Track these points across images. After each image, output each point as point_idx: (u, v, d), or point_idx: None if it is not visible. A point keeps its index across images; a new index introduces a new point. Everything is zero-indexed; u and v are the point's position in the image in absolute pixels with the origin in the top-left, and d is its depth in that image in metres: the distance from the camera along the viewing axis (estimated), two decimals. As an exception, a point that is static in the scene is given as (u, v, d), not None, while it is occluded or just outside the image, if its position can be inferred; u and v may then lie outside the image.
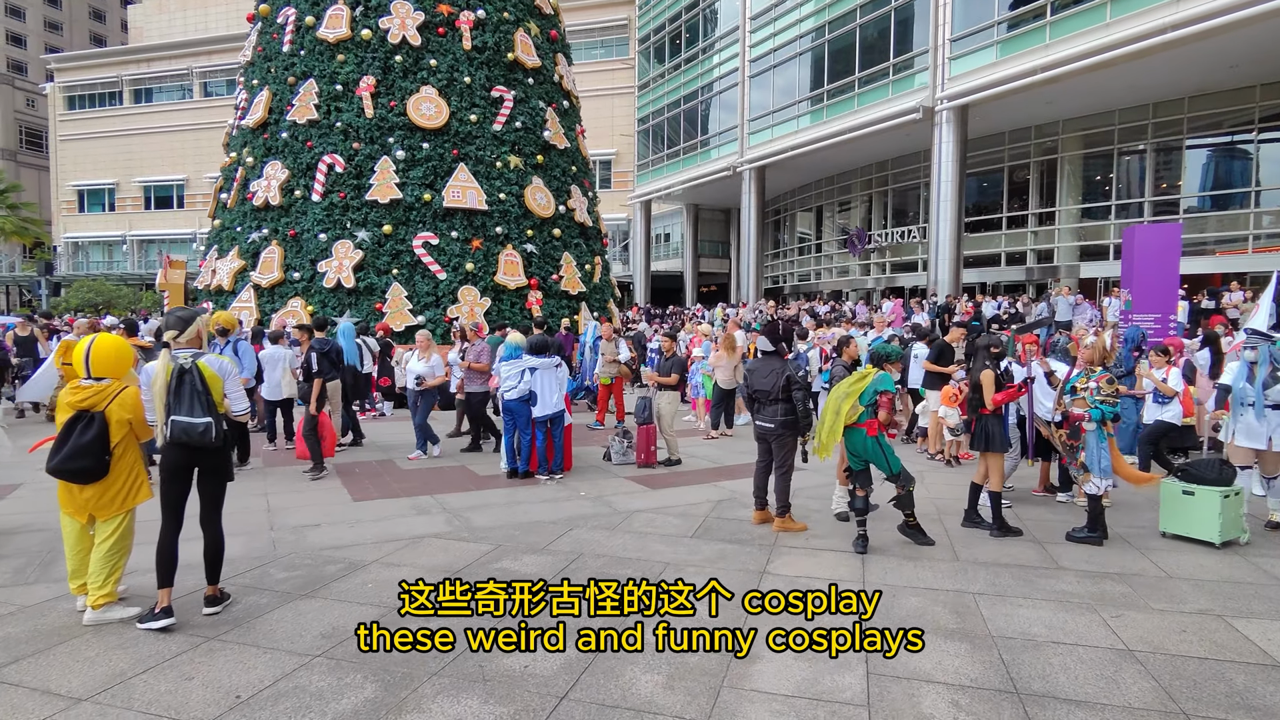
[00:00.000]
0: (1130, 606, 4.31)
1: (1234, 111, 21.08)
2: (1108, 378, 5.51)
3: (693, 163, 36.25)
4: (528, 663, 3.60)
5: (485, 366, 8.98)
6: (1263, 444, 5.70)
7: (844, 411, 5.37)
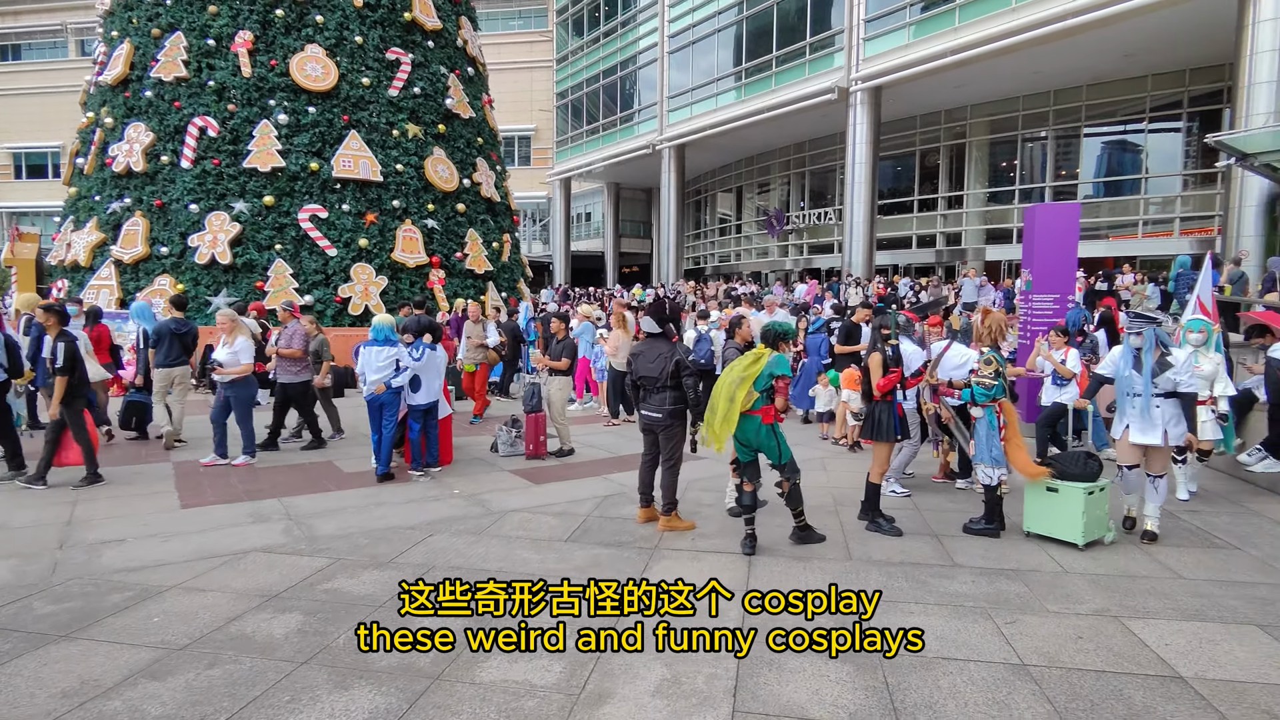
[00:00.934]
0: (1026, 609, 3.98)
1: (1127, 101, 21.86)
2: (988, 357, 5.17)
3: (612, 140, 35.44)
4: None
5: (297, 353, 8.03)
6: (1158, 439, 5.05)
7: (739, 398, 4.85)
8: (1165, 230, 21.61)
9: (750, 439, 4.95)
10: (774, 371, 4.92)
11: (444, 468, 7.28)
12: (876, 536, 5.23)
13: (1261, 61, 14.91)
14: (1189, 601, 4.07)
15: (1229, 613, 3.93)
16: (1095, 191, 23.26)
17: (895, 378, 5.24)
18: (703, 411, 5.15)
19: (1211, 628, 3.74)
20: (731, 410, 4.84)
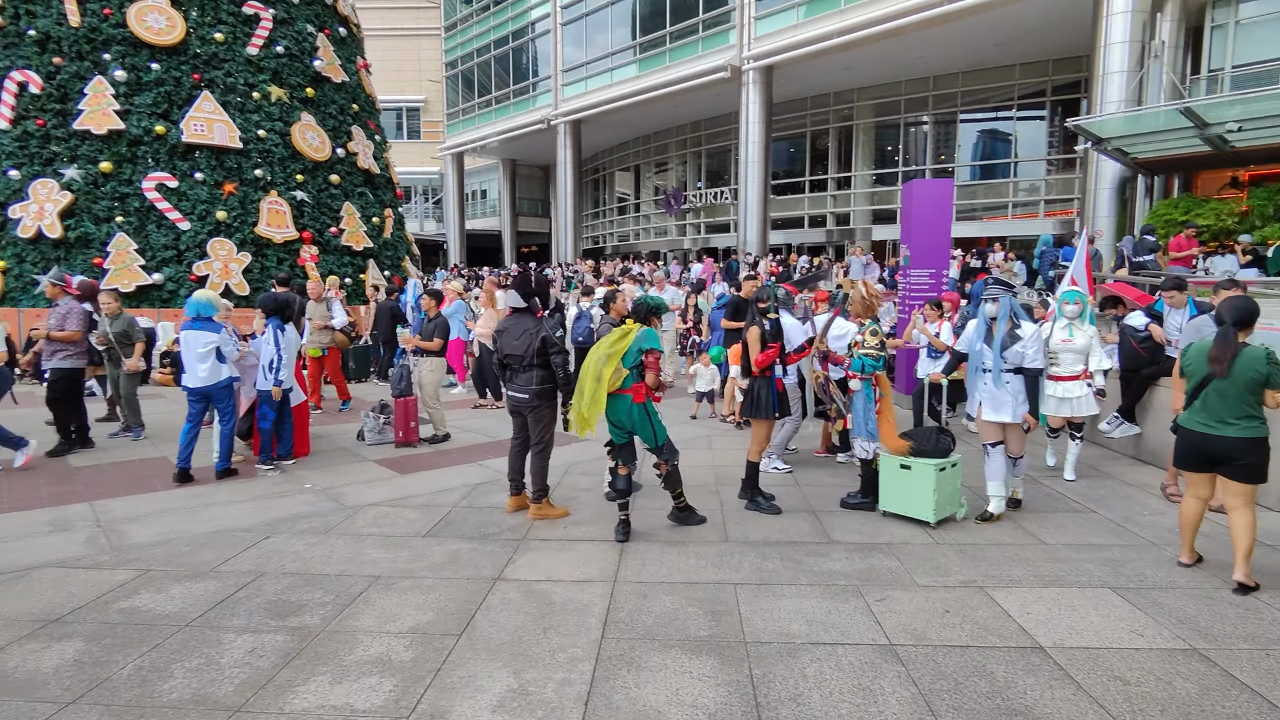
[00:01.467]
0: (896, 585, 3.89)
1: (998, 89, 23.00)
2: (872, 329, 5.09)
3: (506, 114, 34.27)
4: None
5: (74, 335, 7.06)
6: (1008, 415, 4.80)
7: (606, 376, 4.52)
8: (1032, 212, 23.00)
9: (622, 420, 4.64)
10: (643, 346, 4.61)
11: (299, 460, 6.62)
12: (755, 516, 5.07)
13: (1114, 52, 15.92)
14: (1049, 568, 4.10)
15: (1085, 576, 3.98)
16: (971, 175, 24.46)
17: (774, 353, 5.07)
18: (572, 390, 4.81)
19: (1069, 593, 3.76)
20: (599, 390, 4.51)
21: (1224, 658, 3.11)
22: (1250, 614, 3.52)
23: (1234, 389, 3.78)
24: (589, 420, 4.57)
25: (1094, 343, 5.75)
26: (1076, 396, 5.72)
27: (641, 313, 4.76)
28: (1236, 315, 3.88)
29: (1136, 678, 2.96)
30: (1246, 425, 3.79)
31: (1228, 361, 3.78)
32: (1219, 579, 3.93)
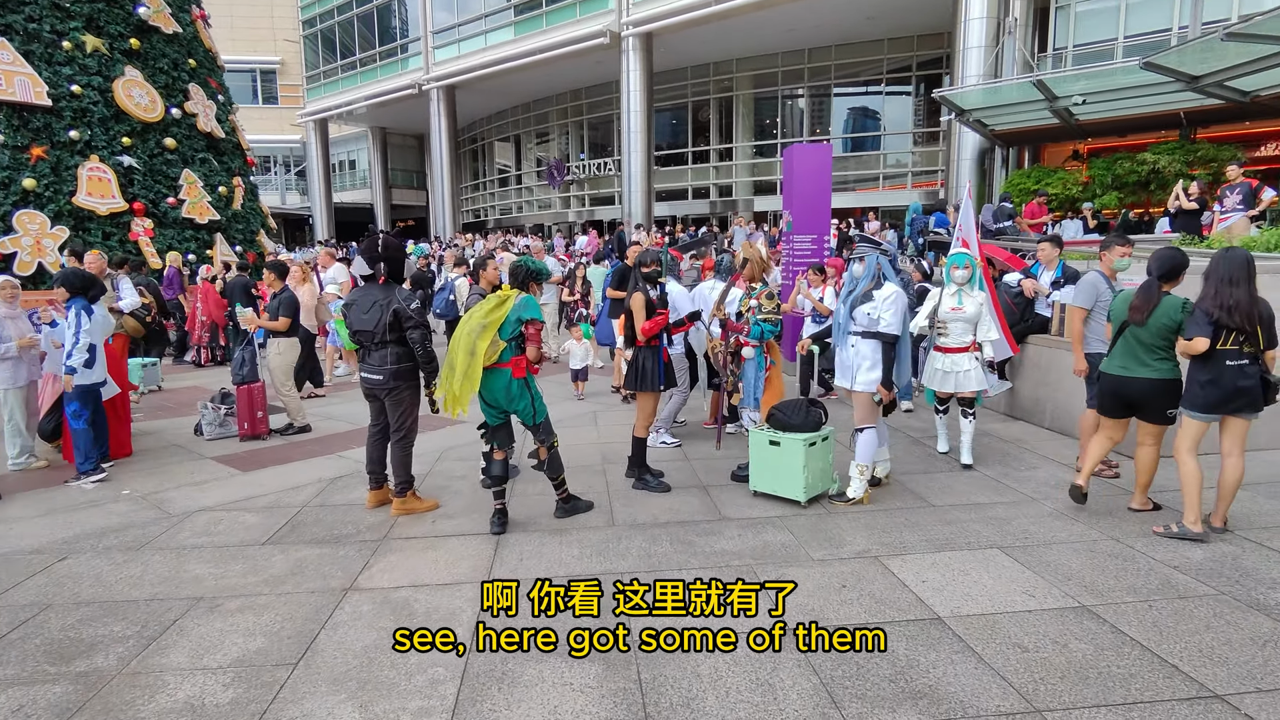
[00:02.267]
0: (791, 561, 3.68)
1: (869, 63, 23.71)
2: (768, 292, 4.88)
3: (373, 77, 32.05)
4: None
5: None
6: (848, 382, 4.48)
7: (481, 349, 3.99)
8: (900, 184, 24.00)
9: (499, 398, 4.14)
10: (523, 315, 4.14)
11: (119, 461, 5.68)
12: (643, 495, 4.75)
13: (973, 28, 16.64)
14: (939, 531, 4.03)
15: (974, 537, 3.93)
16: (845, 147, 25.21)
17: (661, 320, 4.72)
18: (436, 368, 4.27)
19: (961, 557, 3.68)
20: (473, 365, 3.99)
21: (1111, 613, 3.08)
22: (1127, 564, 3.55)
23: (1148, 335, 3.99)
24: (461, 399, 4.04)
25: (984, 310, 5.17)
26: (964, 370, 5.14)
27: (520, 277, 4.27)
28: (1162, 268, 4.03)
29: (1034, 643, 2.86)
30: (1159, 367, 4.00)
31: (1148, 311, 3.98)
32: (1095, 530, 3.98)
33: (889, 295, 4.28)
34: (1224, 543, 3.78)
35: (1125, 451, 5.23)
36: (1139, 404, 4.10)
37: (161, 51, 14.38)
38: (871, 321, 4.29)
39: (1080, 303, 4.81)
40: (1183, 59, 11.28)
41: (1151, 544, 3.78)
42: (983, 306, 5.17)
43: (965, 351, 5.16)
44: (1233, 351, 3.80)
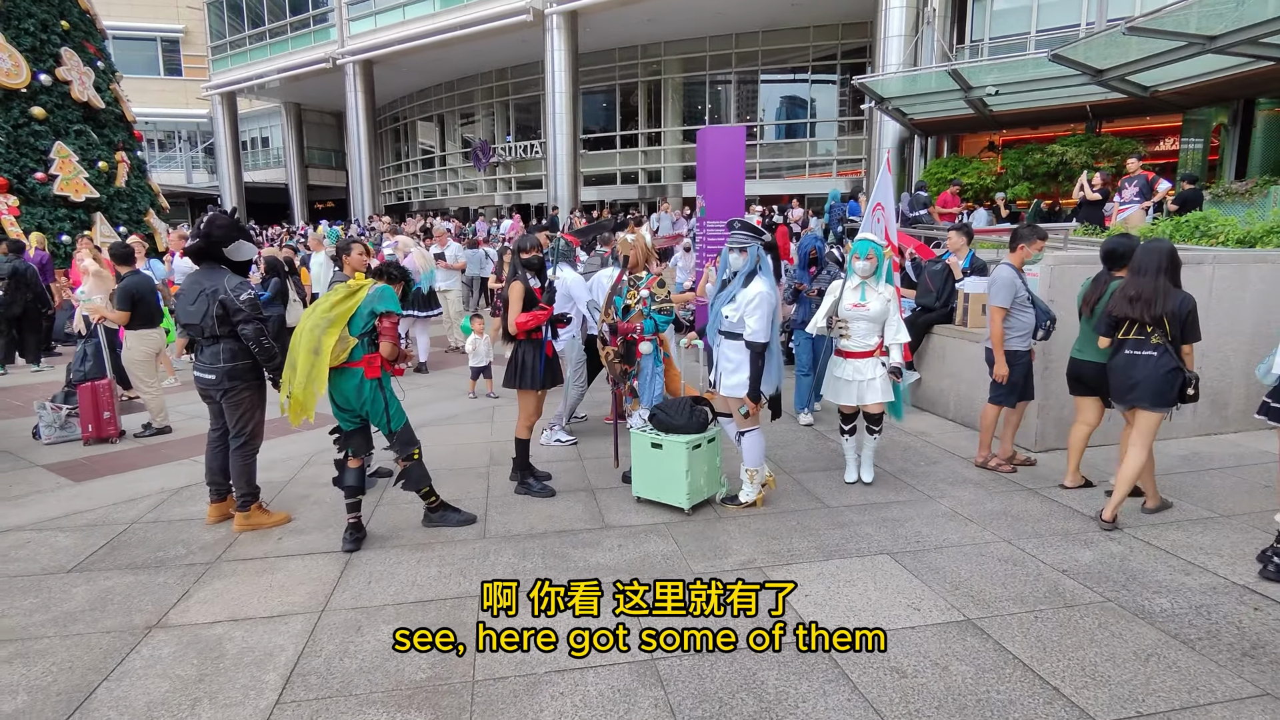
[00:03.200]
0: (669, 574, 3.37)
1: (795, 50, 23.70)
2: (658, 279, 4.53)
3: (284, 49, 30.27)
4: None
5: None
6: (715, 383, 4.11)
7: (327, 347, 3.53)
8: (826, 171, 24.17)
9: (350, 400, 3.69)
10: (376, 308, 3.69)
11: (-74, 473, 4.96)
12: (525, 501, 4.38)
13: (893, 16, 16.74)
14: (831, 536, 3.80)
15: (865, 542, 3.72)
16: (775, 134, 25.23)
17: (541, 316, 4.31)
18: (280, 366, 3.78)
19: (849, 565, 3.46)
20: (318, 365, 3.52)
21: (996, 627, 2.89)
22: (1017, 569, 3.39)
23: (1095, 321, 4.08)
24: (306, 405, 3.57)
25: (891, 308, 4.37)
26: (868, 379, 4.35)
27: (386, 273, 3.83)
28: (1106, 256, 4.24)
29: (913, 666, 2.63)
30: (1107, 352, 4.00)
31: (1094, 301, 4.11)
32: (988, 530, 3.83)
33: (753, 298, 3.76)
34: (1113, 542, 3.67)
35: (1027, 444, 5.16)
36: (1094, 387, 4.21)
37: (27, 11, 13.04)
38: (733, 324, 3.88)
39: (999, 302, 4.51)
40: (1088, 52, 11.51)
41: (1042, 545, 3.64)
42: (890, 304, 4.37)
43: (870, 356, 4.37)
44: (1133, 341, 3.76)
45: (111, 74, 15.48)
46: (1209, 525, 3.86)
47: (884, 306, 4.34)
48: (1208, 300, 5.22)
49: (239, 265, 3.92)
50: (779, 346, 3.91)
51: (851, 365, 4.39)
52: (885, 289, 4.40)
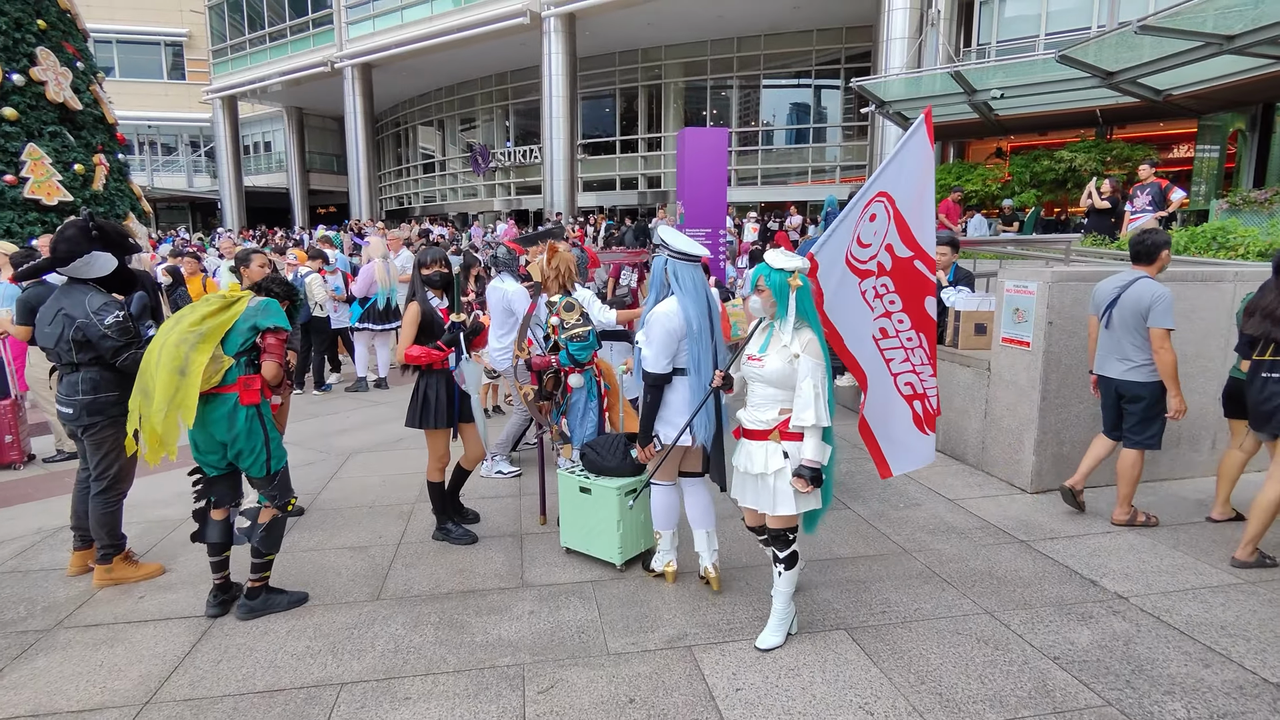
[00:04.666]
0: (579, 656, 2.82)
1: (798, 54, 23.19)
2: (566, 303, 3.85)
3: (283, 53, 30.04)
4: None
5: None
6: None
7: (198, 367, 2.94)
8: (829, 178, 23.60)
9: (218, 434, 3.05)
10: (260, 323, 3.14)
11: None
12: (439, 550, 3.83)
13: (896, 18, 16.19)
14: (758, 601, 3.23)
15: (820, 611, 3.14)
16: (783, 139, 24.68)
17: (433, 356, 3.62)
18: None
19: (798, 646, 2.88)
20: (185, 387, 2.90)
21: (965, 742, 2.32)
22: (999, 655, 2.81)
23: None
24: (166, 437, 2.96)
25: (804, 369, 2.64)
26: (767, 474, 2.74)
27: (276, 289, 3.33)
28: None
29: (853, 803, 2.07)
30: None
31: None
32: (968, 598, 3.25)
33: (654, 318, 3.05)
34: (1118, 616, 3.08)
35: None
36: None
37: (0, 9, 12.66)
38: (639, 351, 3.24)
39: (1167, 322, 3.68)
40: (1099, 53, 10.90)
41: (1032, 620, 3.06)
42: (803, 363, 2.64)
43: (764, 439, 2.76)
44: (1268, 362, 3.37)
45: (92, 74, 15.11)
46: (1230, 594, 3.27)
47: (786, 367, 2.69)
48: (1228, 322, 4.63)
49: (115, 281, 3.39)
50: (695, 387, 3.06)
51: (745, 451, 2.84)
52: (802, 338, 2.69)
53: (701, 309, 3.04)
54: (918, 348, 3.32)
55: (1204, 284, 4.59)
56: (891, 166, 3.21)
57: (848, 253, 3.12)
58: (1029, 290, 4.48)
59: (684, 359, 3.08)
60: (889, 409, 3.27)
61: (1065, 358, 4.43)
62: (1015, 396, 4.62)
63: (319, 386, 7.97)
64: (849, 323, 3.13)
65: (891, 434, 3.28)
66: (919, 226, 3.28)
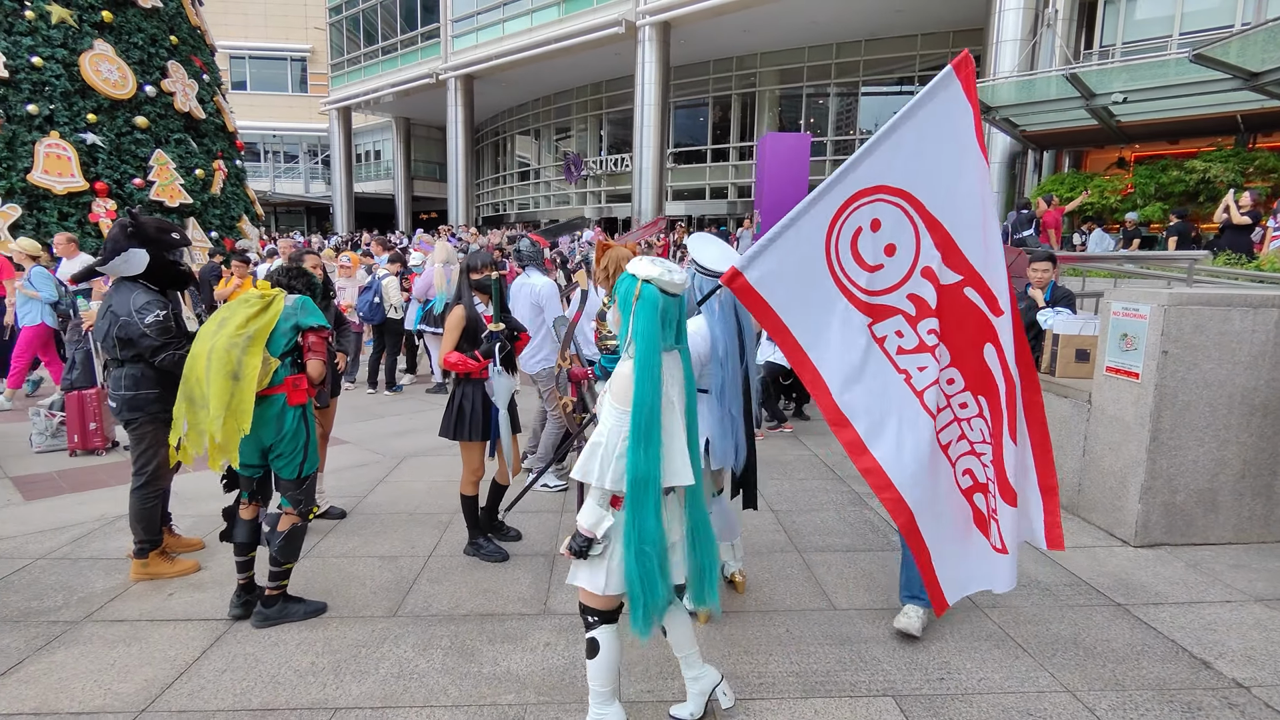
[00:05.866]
0: (588, 704, 2.58)
1: (901, 60, 22.23)
2: (607, 307, 3.56)
3: (394, 66, 31.56)
4: None
5: None
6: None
7: (251, 371, 2.93)
8: (929, 189, 22.44)
9: (270, 435, 3.04)
10: (302, 321, 3.12)
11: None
12: (467, 565, 3.68)
13: (1008, 19, 15.17)
14: (823, 655, 2.87)
15: (867, 671, 2.77)
16: (873, 148, 23.75)
17: (475, 366, 3.44)
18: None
19: (835, 710, 2.53)
20: (240, 392, 2.88)
21: None
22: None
23: None
24: (227, 445, 2.88)
25: (602, 412, 2.17)
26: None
27: (287, 276, 3.28)
28: None
29: None
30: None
31: None
32: (1046, 671, 2.79)
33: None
34: (1234, 711, 2.56)
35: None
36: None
37: (137, 26, 13.78)
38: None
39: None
40: (1241, 52, 9.77)
41: (1122, 709, 2.58)
42: (604, 419, 2.14)
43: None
44: None
45: (216, 86, 16.27)
46: (1389, 695, 2.66)
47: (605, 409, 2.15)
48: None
49: (164, 278, 3.44)
50: (730, 405, 2.77)
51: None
52: (620, 371, 2.13)
53: (730, 331, 2.75)
54: (976, 417, 2.42)
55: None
56: (906, 143, 2.29)
57: (836, 274, 2.35)
58: (1140, 314, 3.91)
59: (707, 381, 2.79)
60: (941, 509, 2.43)
61: (1182, 393, 3.83)
62: (1120, 434, 4.05)
63: (390, 387, 8.11)
64: (873, 391, 2.33)
65: (945, 545, 2.42)
66: (967, 237, 2.34)
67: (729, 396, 2.74)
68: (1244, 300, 3.79)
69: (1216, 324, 3.78)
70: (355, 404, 7.47)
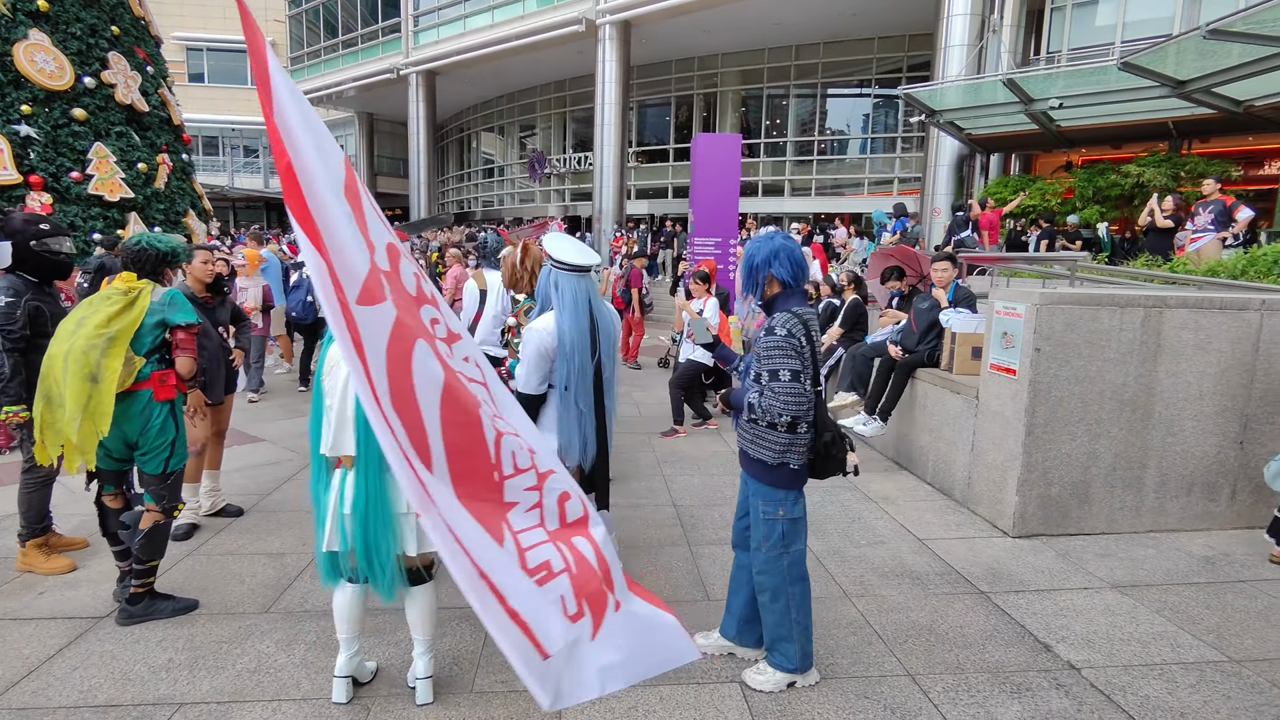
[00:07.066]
0: (442, 694, 2.61)
1: (858, 63, 22.53)
2: (526, 306, 3.68)
3: (354, 60, 31.16)
4: None
5: None
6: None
7: (111, 373, 2.91)
8: (886, 190, 22.80)
9: (133, 432, 3.04)
10: (171, 319, 3.10)
11: None
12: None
13: (955, 25, 15.46)
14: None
15: (715, 661, 2.84)
16: (847, 149, 24.04)
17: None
18: (6, 392, 3.21)
19: (653, 702, 2.60)
20: (98, 395, 2.85)
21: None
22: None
23: None
24: (84, 447, 2.85)
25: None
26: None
27: (146, 263, 3.19)
28: None
29: None
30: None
31: None
32: (895, 657, 2.89)
33: (528, 334, 2.82)
34: (1060, 691, 2.67)
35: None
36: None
37: (76, 15, 13.46)
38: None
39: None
40: (1165, 61, 10.10)
41: (954, 691, 2.68)
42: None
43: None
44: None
45: (162, 79, 15.93)
46: (1206, 674, 2.80)
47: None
48: (1252, 356, 4.08)
49: (35, 266, 3.39)
50: (577, 399, 2.81)
51: None
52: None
53: (581, 325, 2.79)
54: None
55: (1223, 312, 4.05)
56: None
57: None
58: (1017, 313, 4.05)
59: (554, 376, 2.84)
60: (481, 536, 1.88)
61: (1055, 389, 3.98)
62: (1000, 429, 4.19)
63: (304, 383, 8.11)
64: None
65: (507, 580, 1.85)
66: (321, 207, 1.79)
67: (576, 392, 2.79)
68: (1112, 300, 3.94)
69: (1087, 322, 3.93)
70: (283, 402, 7.41)
